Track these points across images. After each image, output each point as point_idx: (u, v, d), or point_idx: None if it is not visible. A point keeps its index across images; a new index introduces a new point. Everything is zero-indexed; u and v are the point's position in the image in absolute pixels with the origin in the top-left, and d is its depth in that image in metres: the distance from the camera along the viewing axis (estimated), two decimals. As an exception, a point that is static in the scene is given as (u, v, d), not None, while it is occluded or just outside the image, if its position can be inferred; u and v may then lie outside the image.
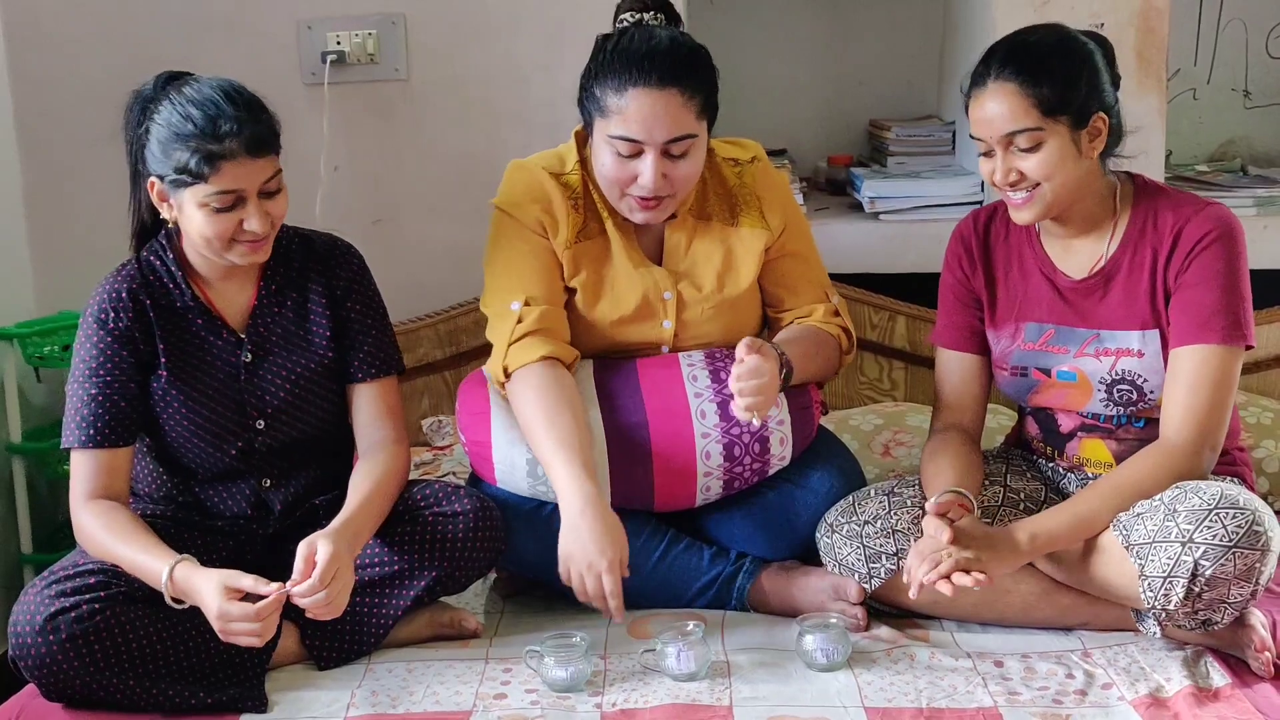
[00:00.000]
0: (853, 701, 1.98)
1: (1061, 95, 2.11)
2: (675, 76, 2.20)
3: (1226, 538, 1.93)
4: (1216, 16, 3.42)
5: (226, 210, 2.07)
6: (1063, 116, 2.12)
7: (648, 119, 2.20)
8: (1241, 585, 1.95)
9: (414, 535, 2.17)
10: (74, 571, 2.04)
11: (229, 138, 2.03)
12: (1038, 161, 2.13)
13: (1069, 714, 1.94)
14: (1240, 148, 3.51)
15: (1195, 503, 1.97)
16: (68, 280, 3.22)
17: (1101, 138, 2.16)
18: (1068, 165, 2.13)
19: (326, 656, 2.14)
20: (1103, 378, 2.21)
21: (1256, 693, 1.97)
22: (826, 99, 3.62)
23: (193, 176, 2.05)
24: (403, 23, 3.17)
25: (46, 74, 3.19)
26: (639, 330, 2.38)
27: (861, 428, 2.83)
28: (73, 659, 1.95)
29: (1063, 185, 2.15)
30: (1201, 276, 2.14)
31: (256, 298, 2.23)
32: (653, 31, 2.26)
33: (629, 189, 2.25)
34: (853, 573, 2.21)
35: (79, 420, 2.14)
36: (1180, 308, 2.15)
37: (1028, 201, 2.17)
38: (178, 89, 2.09)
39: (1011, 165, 2.14)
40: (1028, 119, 2.11)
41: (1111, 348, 2.21)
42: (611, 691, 2.03)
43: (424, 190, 3.23)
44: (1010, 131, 2.12)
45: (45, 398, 3.22)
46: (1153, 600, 1.98)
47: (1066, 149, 2.13)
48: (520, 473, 2.28)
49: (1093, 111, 2.14)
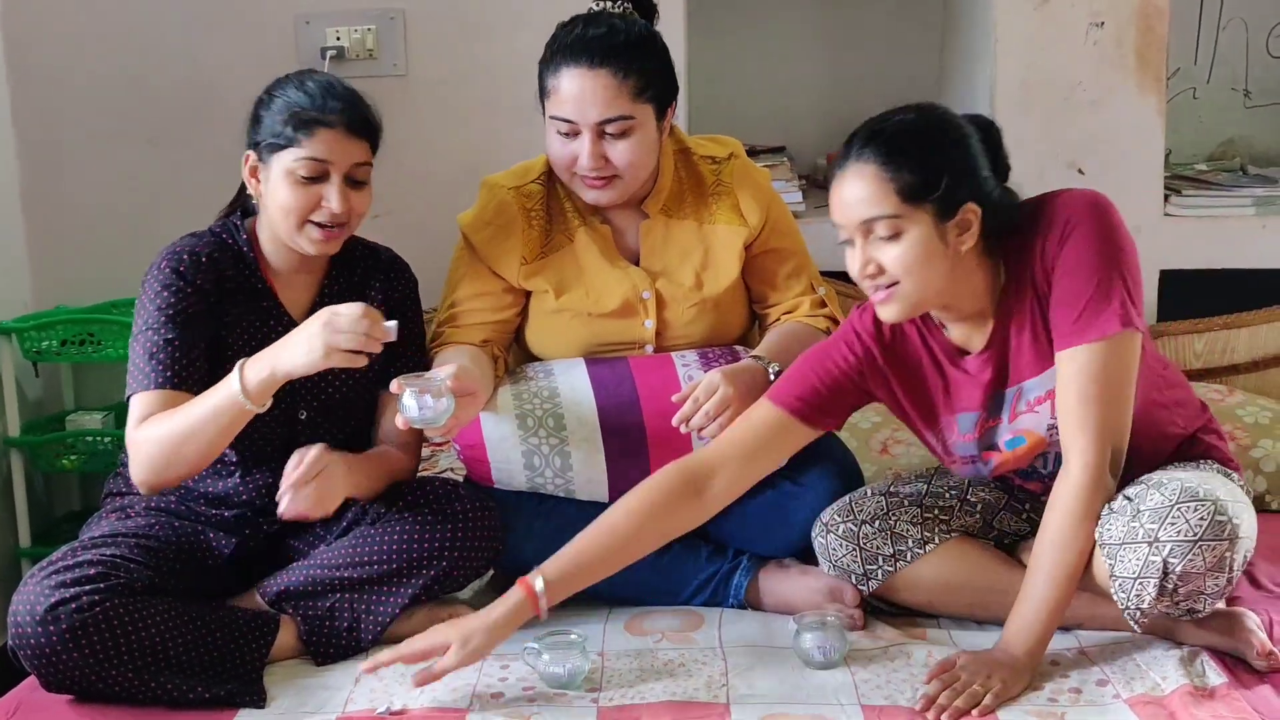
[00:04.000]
0: (849, 699, 1.98)
1: (924, 181, 1.94)
2: (606, 57, 2.23)
3: (1190, 533, 1.89)
4: (1217, 16, 3.42)
5: (310, 181, 2.13)
6: (925, 204, 1.95)
7: (578, 98, 2.24)
8: (1215, 576, 1.92)
9: (412, 534, 2.17)
10: (74, 562, 2.04)
11: (331, 111, 2.13)
12: (897, 254, 1.96)
13: (1064, 712, 1.94)
14: (1240, 147, 3.51)
15: (1156, 499, 1.93)
16: (65, 275, 3.22)
17: (972, 231, 1.98)
18: (932, 260, 1.96)
19: (324, 652, 2.14)
20: (1048, 424, 2.07)
21: (1253, 692, 1.96)
22: (826, 97, 3.63)
23: (287, 141, 2.12)
24: (401, 18, 3.18)
25: (44, 69, 3.19)
26: (620, 329, 2.38)
27: (860, 425, 2.83)
28: (72, 650, 1.95)
29: (925, 282, 1.97)
30: (1070, 265, 1.98)
31: (318, 296, 2.26)
32: (600, 17, 2.30)
33: (575, 169, 2.28)
34: (849, 575, 2.21)
35: (154, 364, 2.14)
36: (1056, 304, 2.00)
37: (889, 298, 2.00)
38: (305, 74, 2.20)
39: (870, 256, 1.98)
40: (886, 204, 1.94)
41: (1040, 394, 2.07)
42: (609, 688, 2.03)
43: (422, 186, 3.23)
44: (868, 218, 1.96)
45: (42, 392, 3.23)
46: (1125, 601, 1.96)
47: (930, 241, 1.95)
48: (517, 467, 2.29)
49: (961, 201, 1.96)
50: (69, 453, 3.05)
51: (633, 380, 2.31)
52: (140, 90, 3.16)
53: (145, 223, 3.16)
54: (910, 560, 2.18)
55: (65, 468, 3.08)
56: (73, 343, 3.02)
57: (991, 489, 2.30)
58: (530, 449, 2.27)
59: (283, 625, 2.13)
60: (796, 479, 2.33)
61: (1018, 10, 3.08)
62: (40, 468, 3.09)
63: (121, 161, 3.21)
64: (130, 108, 3.19)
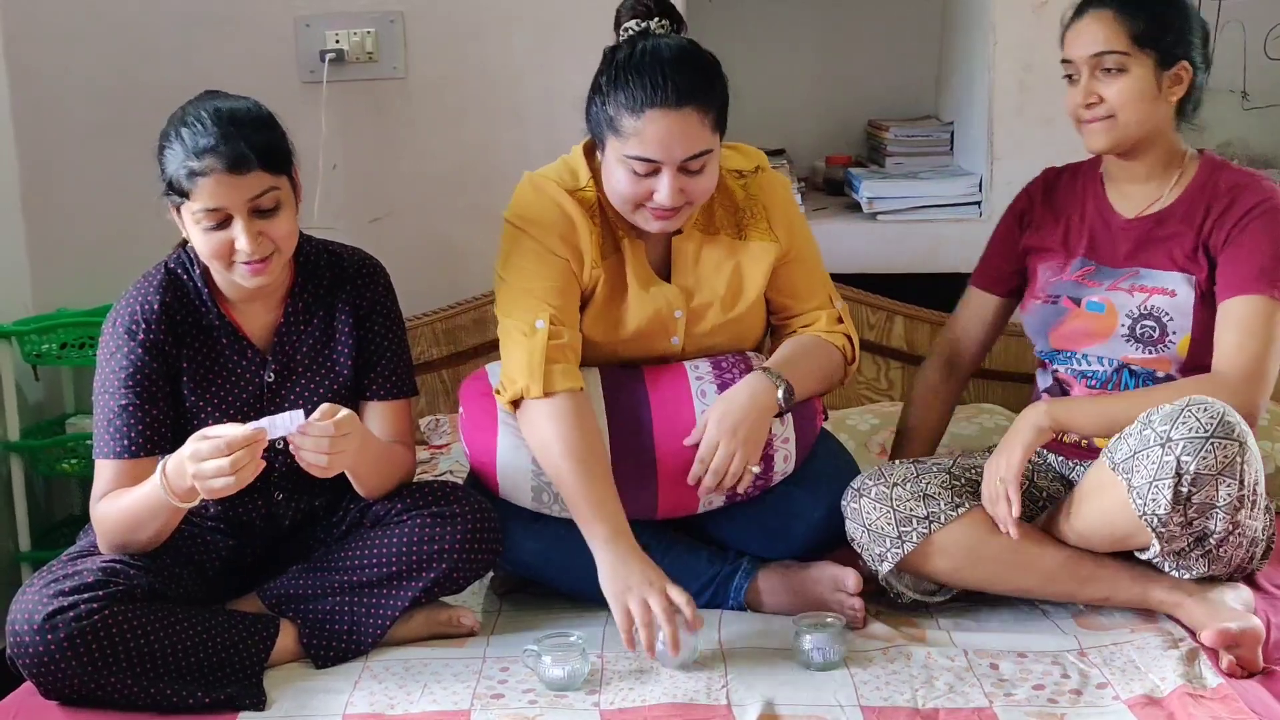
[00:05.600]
0: (849, 700, 1.98)
1: (1154, 31, 2.23)
2: (691, 95, 2.15)
3: (1201, 429, 1.99)
4: (1215, 18, 3.42)
5: (216, 228, 2.06)
6: (1150, 50, 2.23)
7: (665, 140, 2.15)
8: (1227, 482, 1.99)
9: (412, 536, 2.17)
10: (72, 570, 2.04)
11: (205, 154, 2.03)
12: (1118, 89, 2.23)
13: (1064, 714, 1.94)
14: (1238, 149, 3.51)
15: (1167, 409, 2.04)
16: (65, 278, 3.22)
17: (1183, 85, 2.26)
18: (1145, 101, 2.24)
19: (324, 655, 2.14)
20: (1130, 311, 2.28)
21: (1250, 692, 1.97)
22: (825, 99, 3.63)
23: (179, 194, 2.06)
24: (401, 21, 3.18)
25: (44, 71, 3.19)
26: (648, 345, 2.36)
27: (859, 428, 2.84)
28: (71, 658, 1.95)
29: (1136, 121, 2.25)
30: (1254, 238, 2.22)
31: (283, 317, 2.22)
32: (661, 44, 2.20)
33: (645, 203, 2.22)
34: (882, 538, 2.20)
35: (112, 431, 2.14)
36: (1231, 262, 2.22)
37: (1101, 128, 2.26)
38: (189, 107, 2.10)
39: (1093, 89, 2.25)
40: (1117, 43, 2.23)
41: (1148, 285, 2.28)
42: (609, 690, 2.03)
43: (422, 188, 3.23)
44: (1098, 52, 2.24)
45: (42, 395, 3.23)
46: (1142, 508, 2.01)
47: (1147, 83, 2.24)
48: (525, 495, 2.28)
49: (1180, 57, 2.25)
50: (69, 456, 3.05)
51: (649, 407, 2.28)
52: (141, 94, 3.15)
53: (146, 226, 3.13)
54: (944, 522, 2.18)
55: (65, 472, 3.08)
56: (73, 346, 3.02)
57: None
58: (540, 485, 2.26)
59: (282, 628, 2.13)
60: (798, 481, 2.33)
61: (1017, 11, 3.09)
62: (40, 471, 3.09)
63: (122, 165, 3.20)
64: (131, 112, 3.18)
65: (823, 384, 2.38)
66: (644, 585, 2.09)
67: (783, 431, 2.28)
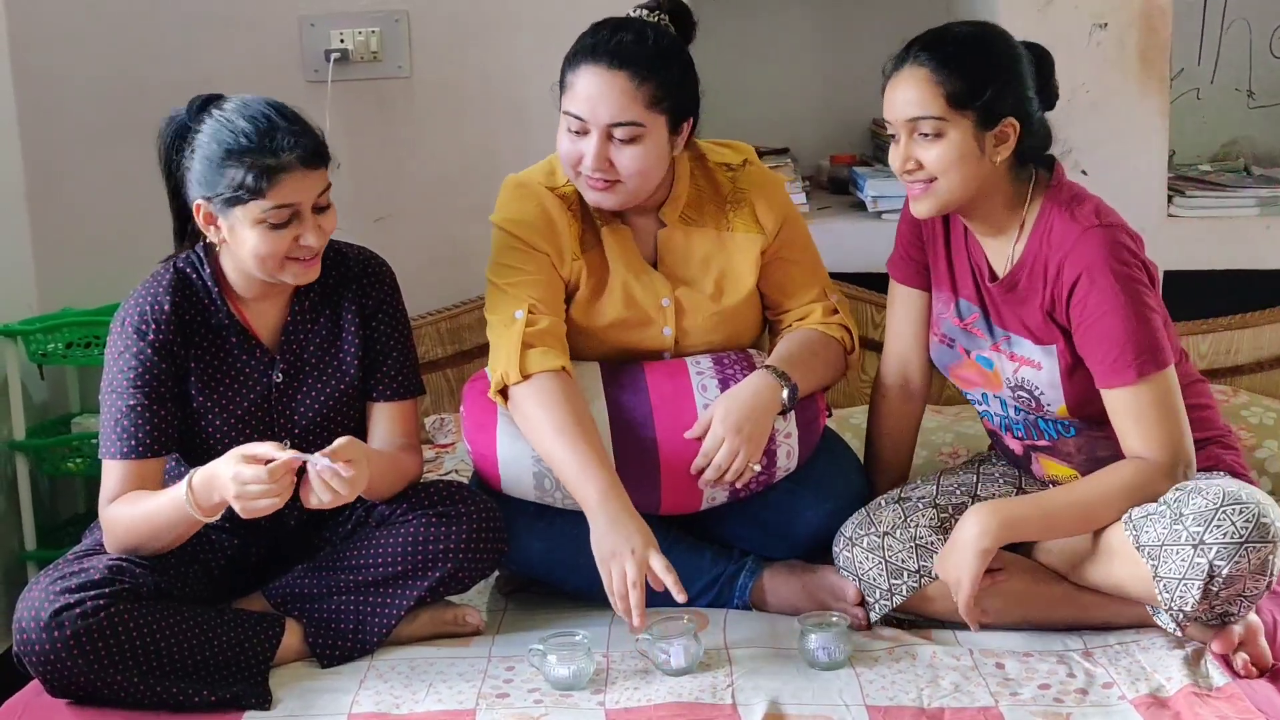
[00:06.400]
0: (854, 700, 1.98)
1: (972, 90, 2.09)
2: (626, 60, 2.21)
3: (1237, 534, 1.93)
4: (1220, 16, 3.42)
5: (282, 226, 2.06)
6: (968, 111, 2.10)
7: (592, 97, 2.22)
8: (1257, 579, 1.97)
9: (417, 536, 2.17)
10: (79, 568, 2.04)
11: (285, 151, 2.03)
12: (936, 154, 2.11)
13: (1070, 713, 1.94)
14: (1243, 148, 3.51)
15: (1200, 504, 1.97)
16: (70, 277, 3.23)
17: (1009, 143, 2.12)
18: (966, 163, 2.11)
19: (329, 654, 2.14)
20: (1008, 379, 2.23)
21: (1257, 692, 1.97)
22: (828, 98, 3.62)
23: (250, 193, 2.03)
24: (406, 20, 3.18)
25: (49, 71, 3.19)
26: (638, 336, 2.37)
27: (863, 426, 2.82)
28: (77, 655, 1.95)
29: (959, 183, 2.13)
30: (1100, 322, 2.09)
31: (290, 315, 2.21)
32: (632, 22, 2.27)
33: (579, 167, 2.26)
34: (875, 589, 2.20)
35: (119, 431, 2.13)
36: (1090, 345, 2.11)
37: (923, 193, 2.15)
38: (220, 108, 2.08)
39: (911, 153, 2.14)
40: (933, 106, 2.10)
41: (1018, 354, 2.20)
42: (614, 690, 2.03)
43: (426, 188, 3.23)
44: (914, 117, 2.11)
45: (48, 395, 3.23)
46: (1169, 602, 1.98)
47: (967, 146, 2.11)
48: (527, 486, 2.28)
49: (1003, 115, 2.11)
50: (74, 455, 3.05)
51: (650, 403, 2.28)
52: (146, 93, 3.16)
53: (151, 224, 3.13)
54: (935, 577, 2.17)
55: (70, 471, 3.08)
56: (78, 345, 3.02)
57: (1002, 484, 2.31)
58: (541, 471, 2.26)
59: (288, 627, 2.14)
60: (802, 480, 2.33)
61: (1020, 12, 3.07)
62: (45, 471, 3.09)
63: (127, 164, 3.21)
64: (136, 111, 3.18)
65: (825, 378, 2.38)
66: (625, 553, 2.09)
67: (785, 427, 2.28)
